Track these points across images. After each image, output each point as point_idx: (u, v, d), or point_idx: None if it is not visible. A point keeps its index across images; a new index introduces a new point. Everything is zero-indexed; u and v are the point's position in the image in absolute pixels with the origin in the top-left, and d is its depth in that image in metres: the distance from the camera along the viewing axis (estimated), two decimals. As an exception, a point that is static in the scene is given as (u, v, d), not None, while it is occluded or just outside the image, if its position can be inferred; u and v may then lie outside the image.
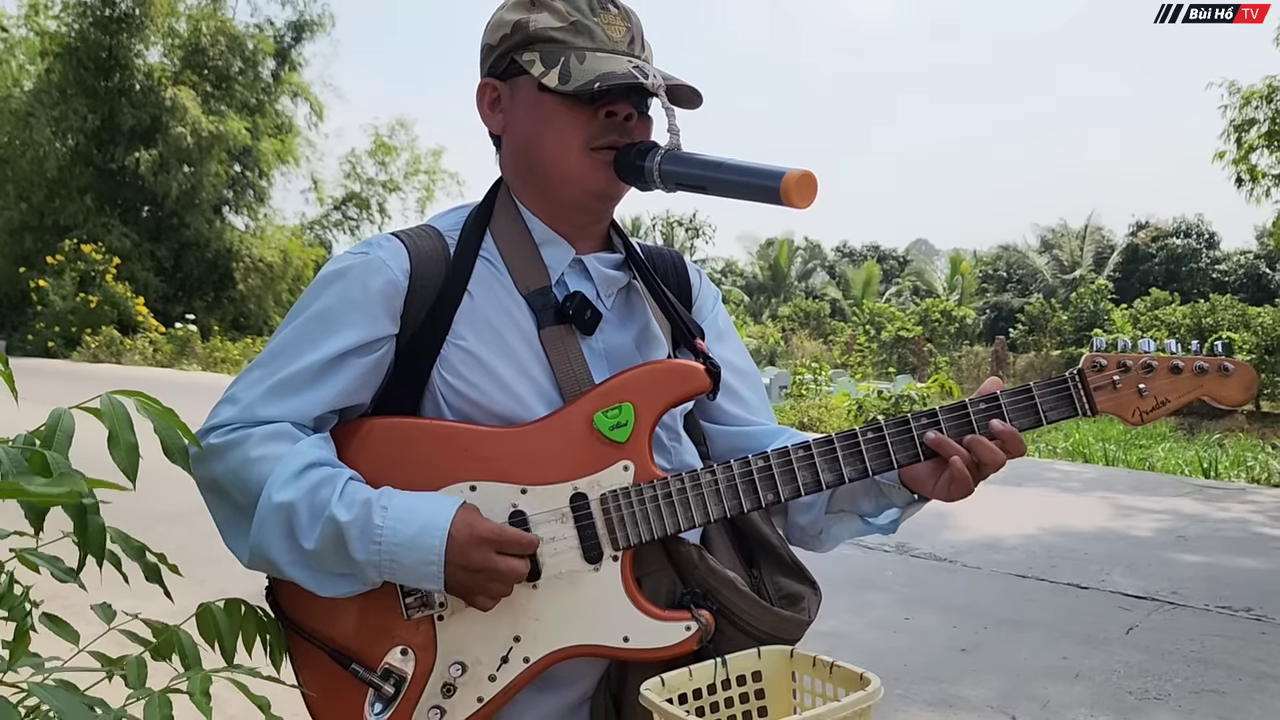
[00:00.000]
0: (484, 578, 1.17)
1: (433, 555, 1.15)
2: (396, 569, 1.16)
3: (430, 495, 1.21)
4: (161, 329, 25.02)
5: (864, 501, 1.38)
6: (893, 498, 1.36)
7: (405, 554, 1.15)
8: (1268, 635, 4.77)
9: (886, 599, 5.34)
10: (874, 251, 48.27)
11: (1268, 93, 14.39)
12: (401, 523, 1.16)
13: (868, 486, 1.36)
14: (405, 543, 1.15)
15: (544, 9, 1.27)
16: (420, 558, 1.15)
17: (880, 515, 1.39)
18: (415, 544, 1.15)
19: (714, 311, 1.51)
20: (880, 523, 1.39)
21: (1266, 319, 17.53)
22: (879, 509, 1.38)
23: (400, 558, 1.15)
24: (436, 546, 1.15)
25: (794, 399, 15.71)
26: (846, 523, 1.42)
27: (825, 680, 1.19)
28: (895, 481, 1.33)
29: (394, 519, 1.16)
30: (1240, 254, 35.15)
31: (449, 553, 1.15)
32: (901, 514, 1.37)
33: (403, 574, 1.17)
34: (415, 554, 1.15)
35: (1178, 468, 10.47)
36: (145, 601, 1.43)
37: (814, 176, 1.14)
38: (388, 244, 1.31)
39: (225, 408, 1.25)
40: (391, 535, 1.15)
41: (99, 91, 27.07)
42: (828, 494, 1.40)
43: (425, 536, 1.15)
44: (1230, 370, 1.25)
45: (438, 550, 1.15)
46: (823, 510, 1.42)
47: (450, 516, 1.17)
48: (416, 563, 1.15)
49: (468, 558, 1.16)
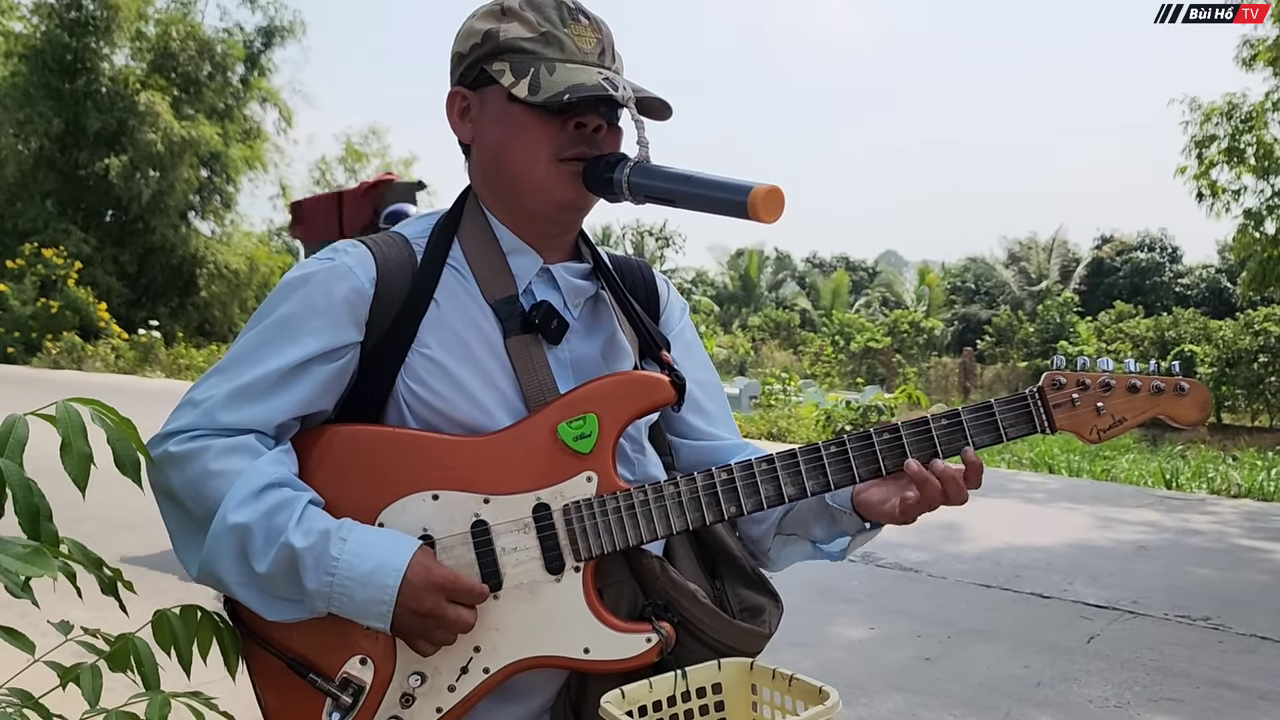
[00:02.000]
0: (431, 623, 1.17)
1: (385, 595, 1.15)
2: (345, 603, 1.15)
3: (390, 533, 1.20)
4: (124, 335, 24.66)
5: (816, 527, 1.39)
6: (844, 524, 1.36)
7: (358, 589, 1.15)
8: (1225, 644, 4.84)
9: (852, 608, 5.36)
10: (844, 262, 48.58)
11: (1228, 109, 14.65)
12: (358, 558, 1.15)
13: (820, 511, 1.37)
14: (359, 578, 1.15)
15: (515, 19, 1.27)
16: (372, 595, 1.15)
17: (831, 542, 1.39)
18: (370, 580, 1.15)
19: (681, 323, 1.51)
20: (831, 549, 1.39)
21: (1227, 332, 17.78)
22: (830, 535, 1.39)
23: (352, 592, 1.15)
24: (390, 587, 1.15)
25: (763, 409, 15.75)
26: (797, 546, 1.42)
27: (784, 693, 1.19)
28: (847, 507, 1.33)
29: (351, 553, 1.15)
30: (1202, 268, 35.66)
31: (401, 595, 1.15)
32: (852, 541, 1.38)
33: (351, 609, 1.16)
34: (368, 591, 1.15)
35: (1140, 479, 10.59)
36: (100, 611, 1.41)
37: (781, 192, 1.15)
38: (353, 250, 1.30)
39: (186, 411, 1.24)
40: (347, 569, 1.15)
41: (64, 94, 26.70)
42: (780, 514, 1.41)
43: (380, 575, 1.15)
44: (1186, 390, 1.27)
45: (390, 590, 1.15)
46: (774, 529, 1.42)
47: (408, 558, 1.16)
48: (367, 600, 1.15)
49: (419, 601, 1.15)
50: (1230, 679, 4.36)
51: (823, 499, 1.34)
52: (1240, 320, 17.91)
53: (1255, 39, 13.81)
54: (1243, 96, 14.62)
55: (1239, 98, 14.61)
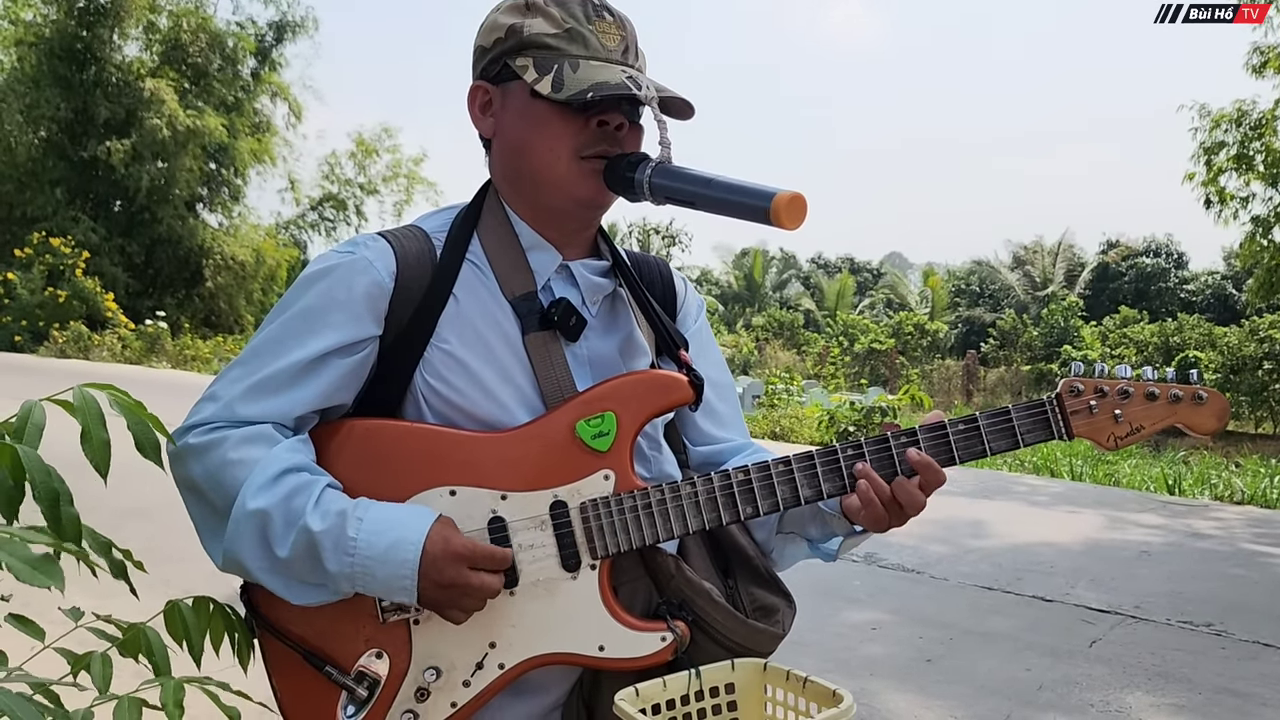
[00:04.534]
0: (456, 593, 1.17)
1: (406, 569, 1.15)
2: (369, 581, 1.16)
3: (406, 508, 1.20)
4: (131, 325, 24.68)
5: (810, 526, 1.40)
6: (834, 527, 1.36)
7: (378, 567, 1.15)
8: (1227, 650, 4.84)
9: (853, 609, 5.36)
10: (848, 264, 48.51)
11: (1237, 116, 14.63)
12: (376, 535, 1.15)
13: (814, 512, 1.37)
14: (379, 556, 1.15)
15: (539, 14, 1.27)
16: (393, 571, 1.15)
17: (826, 542, 1.40)
18: (389, 557, 1.15)
19: (698, 322, 1.51)
20: (826, 548, 1.40)
21: (1232, 339, 17.77)
22: (824, 535, 1.39)
23: (373, 570, 1.15)
24: (410, 561, 1.15)
25: (766, 409, 15.76)
26: (796, 545, 1.43)
27: (798, 695, 1.19)
28: (836, 511, 1.33)
29: (368, 531, 1.16)
30: (1208, 274, 35.58)
31: (422, 567, 1.15)
32: (844, 542, 1.38)
33: (375, 587, 1.16)
34: (388, 567, 1.15)
35: (1143, 484, 10.59)
36: (110, 600, 1.41)
37: (804, 198, 1.14)
38: (374, 244, 1.30)
39: (206, 405, 1.24)
40: (365, 548, 1.15)
41: (73, 83, 26.70)
42: (778, 515, 1.41)
43: (399, 550, 1.15)
44: (1204, 399, 1.27)
45: (411, 564, 1.15)
46: (774, 530, 1.43)
47: (425, 531, 1.16)
48: (389, 576, 1.15)
49: (441, 573, 1.15)
50: (1233, 685, 4.36)
51: (815, 504, 1.33)
52: (1245, 327, 17.89)
53: (1265, 46, 13.78)
54: (1252, 103, 14.60)
55: (1249, 104, 14.59)
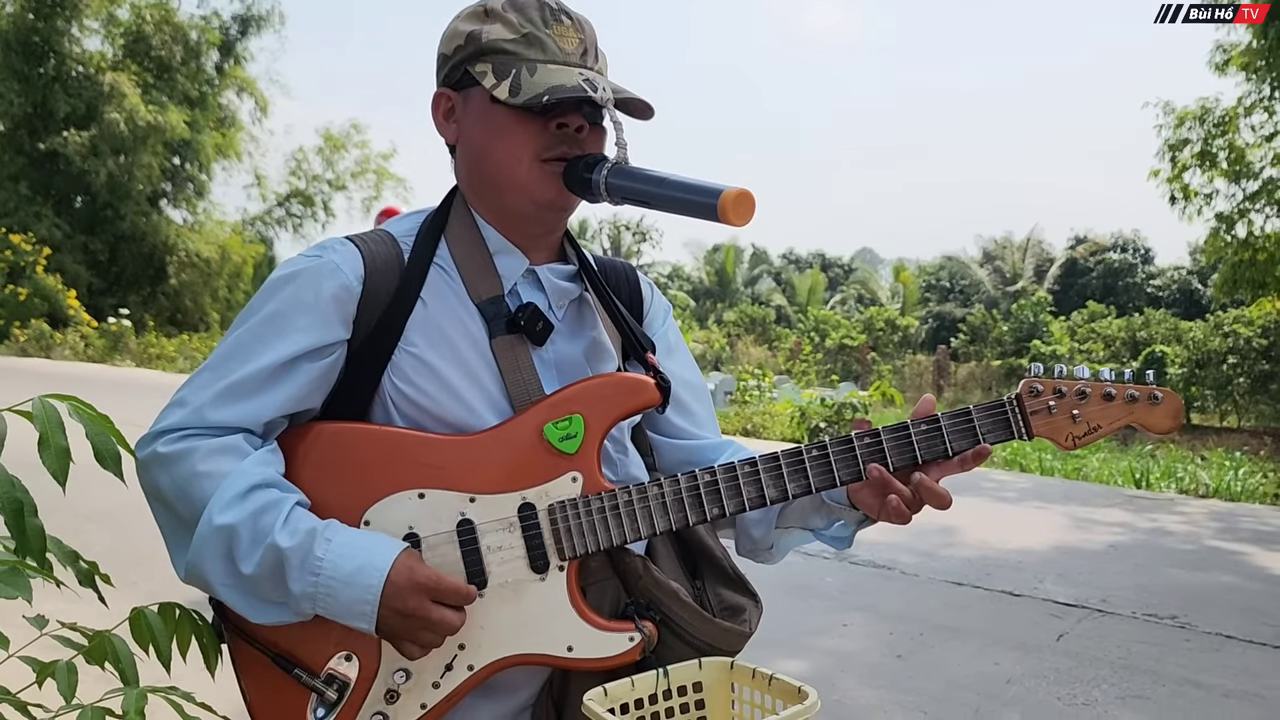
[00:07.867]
0: (416, 624, 1.17)
1: (369, 595, 1.15)
2: (331, 604, 1.16)
3: (375, 535, 1.21)
4: (94, 323, 24.37)
5: (814, 518, 1.41)
6: (843, 516, 1.38)
7: (342, 589, 1.15)
8: (1191, 642, 4.92)
9: (825, 605, 5.40)
10: (819, 259, 48.72)
11: (1200, 114, 14.83)
12: (343, 558, 1.16)
13: (817, 505, 1.39)
14: (343, 578, 1.15)
15: (497, 20, 1.28)
16: (356, 595, 1.15)
17: (831, 528, 1.41)
18: (354, 580, 1.15)
19: (665, 325, 1.52)
20: (834, 534, 1.41)
21: (1198, 333, 17.98)
22: (829, 523, 1.41)
23: (337, 593, 1.15)
24: (374, 586, 1.15)
25: (738, 405, 15.81)
26: (795, 534, 1.45)
27: (764, 692, 1.21)
28: (844, 503, 1.36)
29: (335, 554, 1.16)
30: (1174, 269, 36.01)
31: (385, 595, 1.15)
32: (854, 530, 1.40)
33: (336, 609, 1.16)
34: (352, 590, 1.15)
35: (1111, 478, 10.72)
36: (76, 605, 1.41)
37: (751, 195, 1.16)
38: (341, 248, 1.30)
39: (174, 411, 1.24)
40: (331, 569, 1.15)
41: (32, 77, 26.32)
42: (777, 512, 1.43)
43: (364, 575, 1.15)
44: (1159, 399, 1.29)
45: (374, 590, 1.15)
46: (773, 525, 1.44)
47: (391, 559, 1.17)
48: (352, 600, 1.15)
49: (404, 602, 1.16)
50: (1196, 677, 4.44)
51: (818, 496, 1.36)
52: (1210, 322, 18.12)
53: (1228, 44, 13.97)
54: (1215, 101, 14.81)
55: (1212, 102, 14.79)
